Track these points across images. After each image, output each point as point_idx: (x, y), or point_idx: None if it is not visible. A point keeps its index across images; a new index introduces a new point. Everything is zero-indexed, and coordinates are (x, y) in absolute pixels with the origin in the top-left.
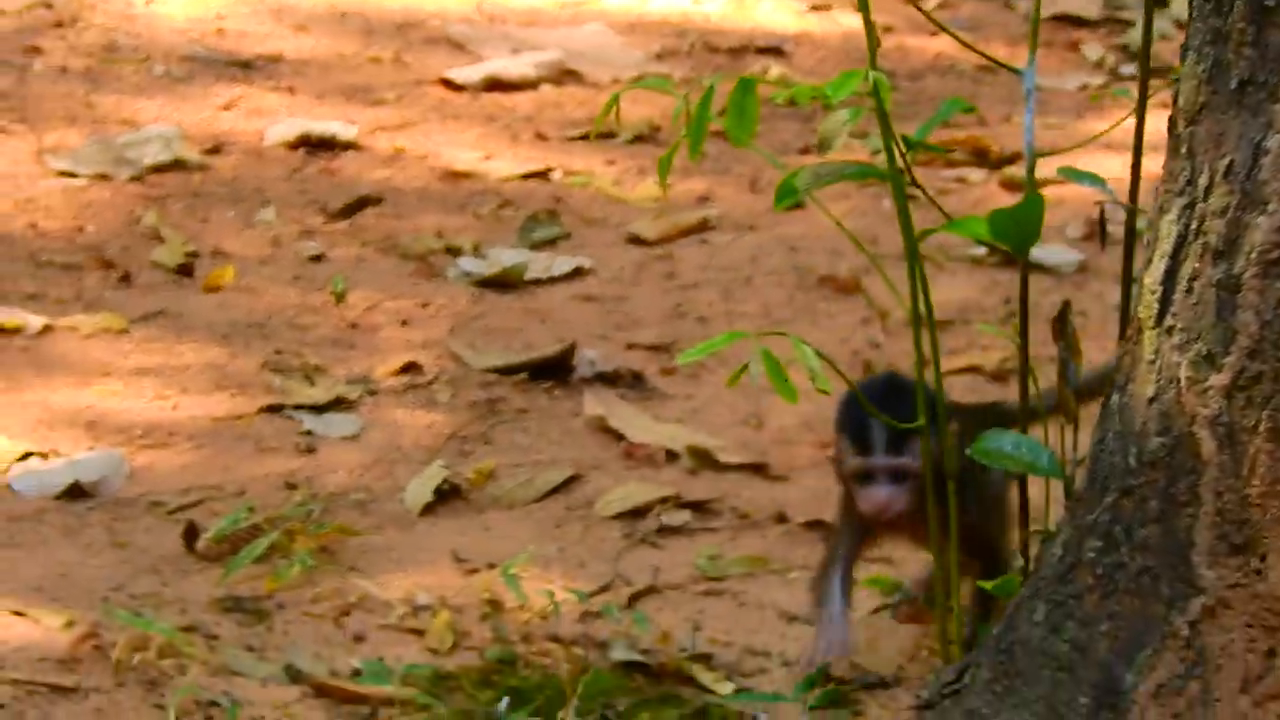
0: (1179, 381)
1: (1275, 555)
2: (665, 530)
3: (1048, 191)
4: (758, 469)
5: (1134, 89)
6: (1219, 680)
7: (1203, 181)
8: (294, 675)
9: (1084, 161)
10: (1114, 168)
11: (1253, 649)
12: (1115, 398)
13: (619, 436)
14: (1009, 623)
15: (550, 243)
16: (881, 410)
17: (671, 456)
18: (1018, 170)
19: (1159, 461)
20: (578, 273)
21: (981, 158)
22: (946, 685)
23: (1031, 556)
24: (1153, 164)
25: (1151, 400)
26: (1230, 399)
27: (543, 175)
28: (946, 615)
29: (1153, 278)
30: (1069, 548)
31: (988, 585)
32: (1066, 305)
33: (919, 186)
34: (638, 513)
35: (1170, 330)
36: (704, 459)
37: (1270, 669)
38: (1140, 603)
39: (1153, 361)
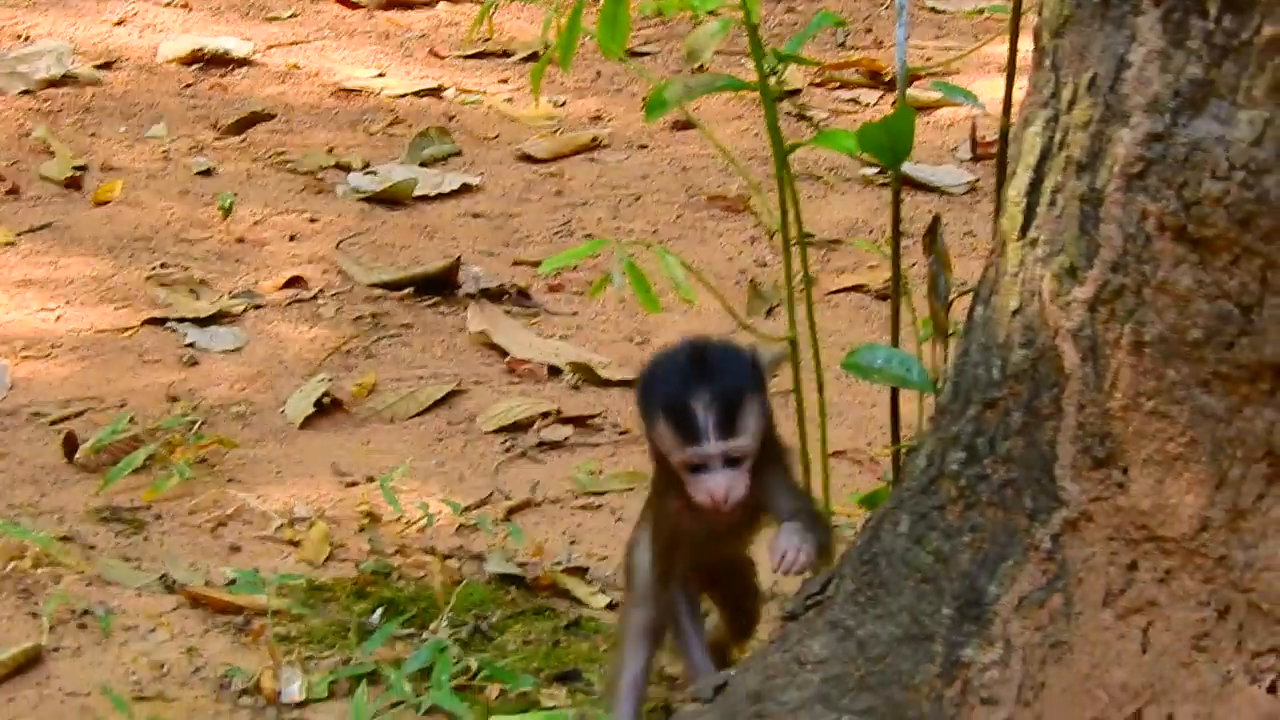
0: (1042, 294)
1: (1137, 469)
2: (545, 445)
3: (942, 113)
4: None
5: (1010, 5)
6: (1081, 593)
7: (1066, 94)
8: (169, 585)
9: (973, 82)
10: (1000, 88)
11: (1114, 562)
12: (979, 310)
13: (502, 352)
14: (873, 534)
15: (441, 160)
16: (697, 386)
17: (554, 372)
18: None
19: (1022, 374)
20: (466, 189)
21: (875, 79)
22: (810, 597)
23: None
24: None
25: (1015, 313)
26: (1093, 312)
27: (436, 93)
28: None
29: (1017, 190)
30: (933, 459)
31: (857, 498)
32: (936, 219)
33: (789, 103)
34: (518, 427)
35: (1034, 243)
36: (587, 374)
37: (1132, 583)
38: (1003, 515)
39: (1016, 274)
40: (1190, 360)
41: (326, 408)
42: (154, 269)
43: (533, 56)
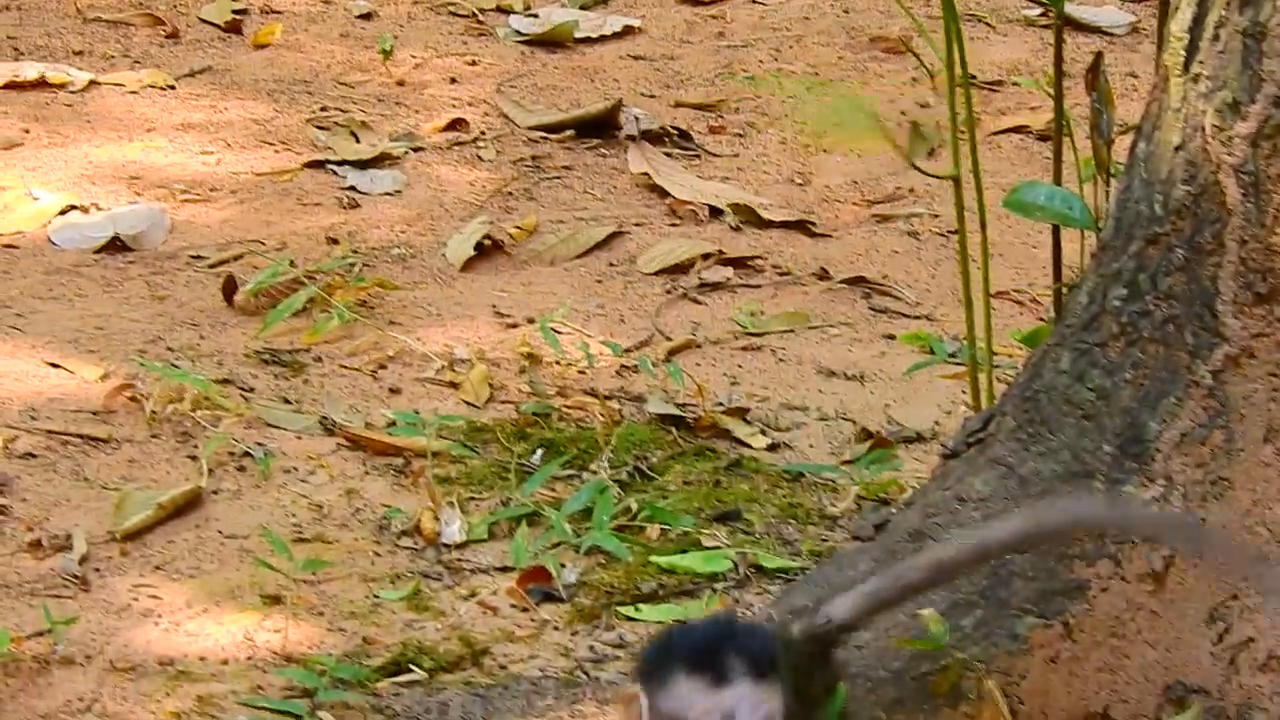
0: (1204, 129)
1: None
2: (706, 286)
3: None
4: (801, 226)
5: None
6: (1242, 429)
7: None
8: (329, 427)
9: None
10: None
11: (1276, 398)
12: (1141, 146)
13: (663, 194)
14: (1034, 371)
15: (602, 2)
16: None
17: (715, 214)
18: None
19: (1184, 210)
20: (628, 31)
21: None
22: (972, 434)
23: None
24: None
25: (1177, 148)
26: (1255, 147)
27: None
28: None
29: (1179, 25)
30: (1094, 296)
31: (1018, 336)
32: (1099, 57)
33: None
34: (679, 269)
35: (1196, 78)
36: (748, 215)
37: None
38: (1164, 351)
39: (1179, 109)
40: None
41: (487, 250)
42: (314, 112)
43: None
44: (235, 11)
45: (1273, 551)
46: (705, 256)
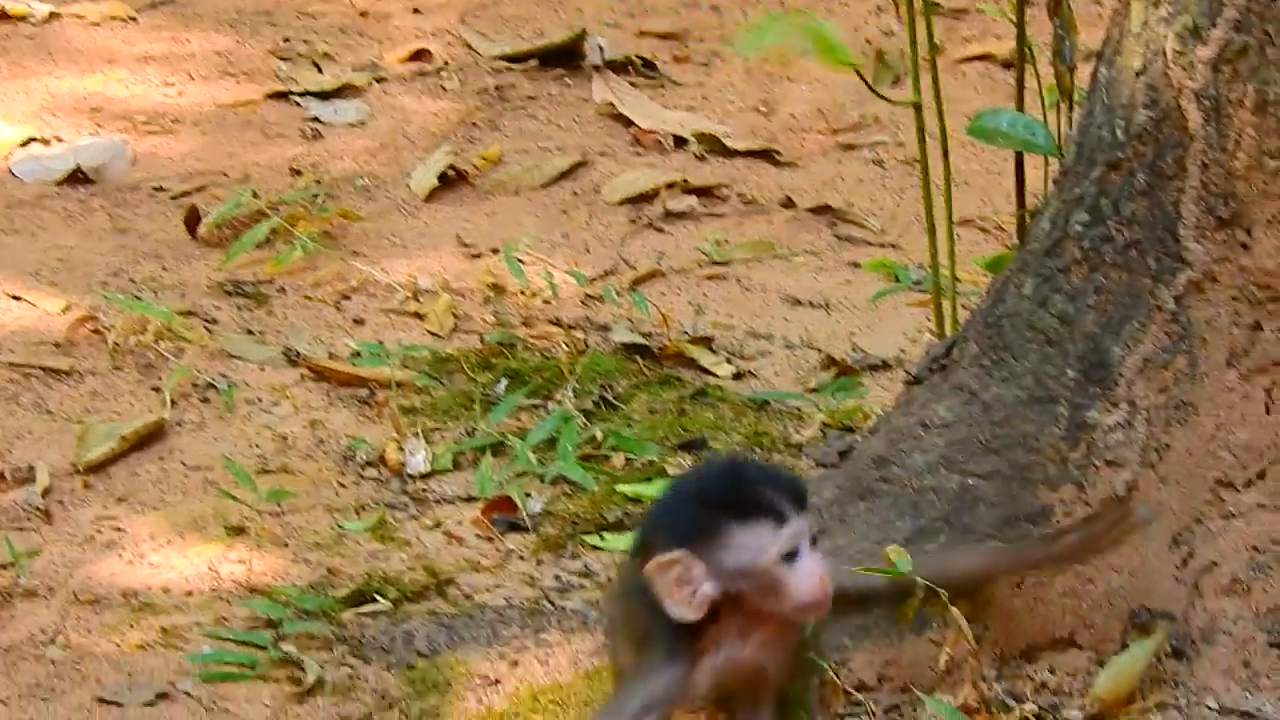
0: (1165, 54)
1: (1261, 229)
2: (671, 215)
3: None
4: (766, 154)
5: None
6: (1205, 354)
7: None
8: (292, 358)
9: None
10: None
11: (1238, 323)
12: (1103, 71)
13: (628, 123)
14: (997, 297)
15: None
16: (752, 474)
17: (680, 143)
18: None
19: (1145, 135)
20: None
21: None
22: (936, 361)
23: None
24: None
25: (1139, 74)
26: (1216, 71)
27: None
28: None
29: None
30: (1057, 222)
31: (981, 262)
32: None
33: None
34: (644, 198)
35: (1157, 3)
36: (712, 144)
37: (1256, 343)
38: (1127, 276)
39: (1140, 34)
40: None
41: (451, 180)
42: (277, 43)
43: None
44: None
45: (1237, 477)
46: (670, 186)
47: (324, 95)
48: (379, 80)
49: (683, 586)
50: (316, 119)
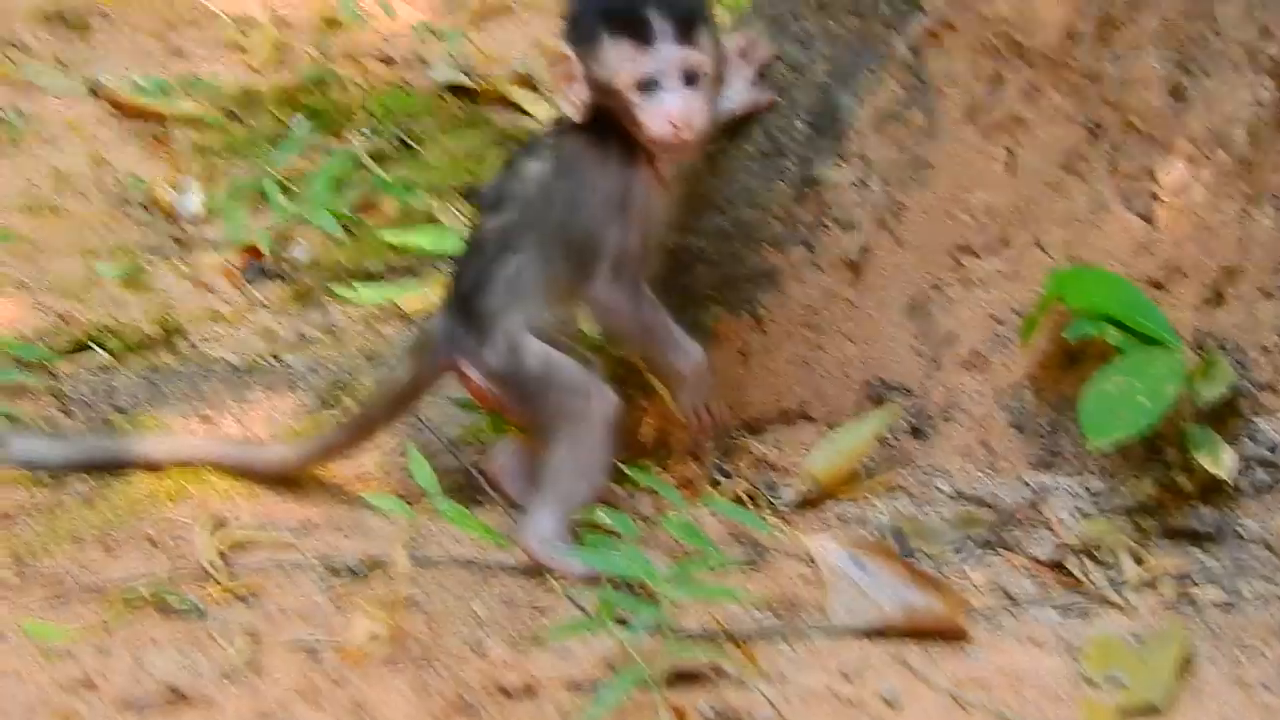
0: None
1: None
2: None
3: None
4: None
5: None
6: (943, 108)
7: None
8: (94, 90)
9: None
10: None
11: (978, 75)
12: None
13: None
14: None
15: None
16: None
17: None
18: None
19: None
20: None
21: None
22: None
23: None
24: None
25: None
26: None
27: None
28: None
29: None
30: None
31: None
32: None
33: None
34: None
35: None
36: None
37: (996, 98)
38: (859, 23)
39: None
40: None
41: None
42: None
43: None
44: None
45: (977, 241)
46: None
47: None
48: None
49: (569, 83)
50: None
